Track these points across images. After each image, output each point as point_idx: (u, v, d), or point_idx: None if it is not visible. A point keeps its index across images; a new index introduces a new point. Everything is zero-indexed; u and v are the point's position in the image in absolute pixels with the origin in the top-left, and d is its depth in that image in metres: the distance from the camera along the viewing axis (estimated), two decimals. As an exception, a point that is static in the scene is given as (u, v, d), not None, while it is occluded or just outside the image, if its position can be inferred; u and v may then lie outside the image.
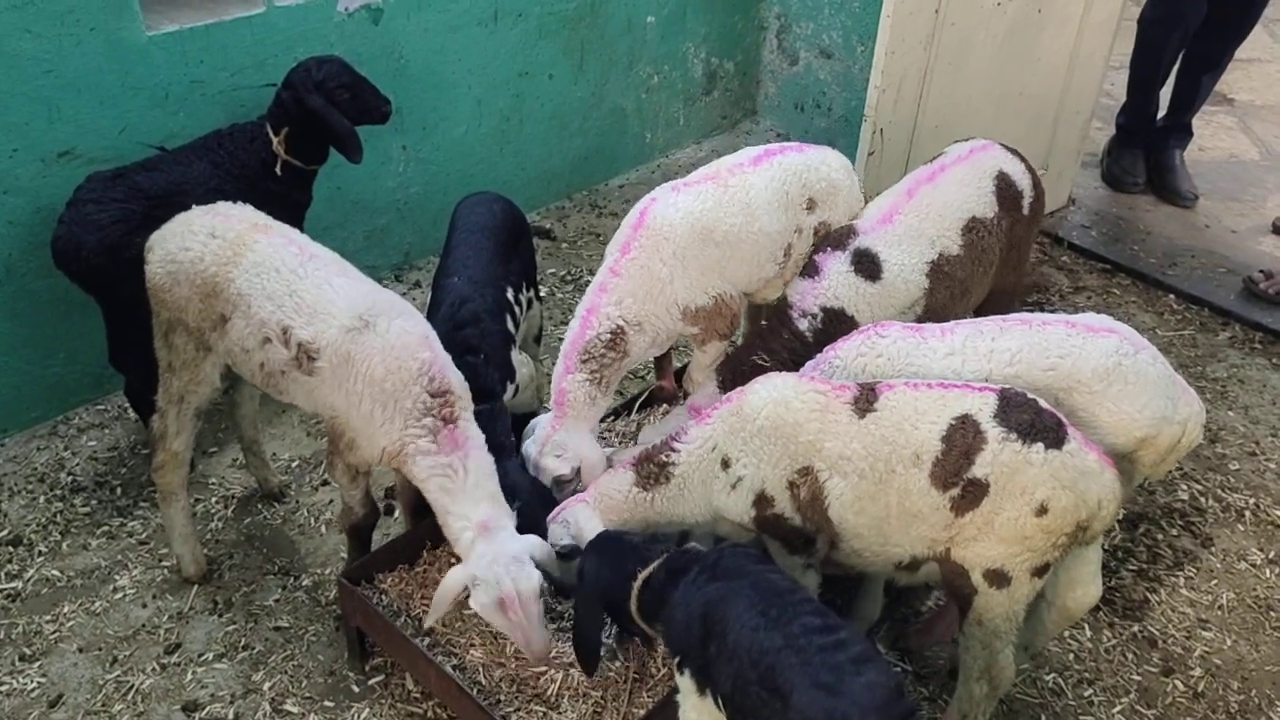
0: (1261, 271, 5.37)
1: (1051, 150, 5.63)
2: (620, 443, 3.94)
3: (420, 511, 3.52)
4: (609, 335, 3.33)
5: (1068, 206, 6.02)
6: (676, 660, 2.69)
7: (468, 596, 3.00)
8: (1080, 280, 5.52)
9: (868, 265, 3.55)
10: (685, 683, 2.66)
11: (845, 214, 3.78)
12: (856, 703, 2.26)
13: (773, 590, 2.59)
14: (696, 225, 3.38)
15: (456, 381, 3.13)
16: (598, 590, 2.88)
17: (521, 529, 3.08)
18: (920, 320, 3.59)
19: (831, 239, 3.65)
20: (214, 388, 3.46)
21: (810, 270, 3.61)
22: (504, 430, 3.32)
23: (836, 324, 3.53)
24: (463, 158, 5.32)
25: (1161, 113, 6.20)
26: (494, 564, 2.96)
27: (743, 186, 3.49)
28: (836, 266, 3.56)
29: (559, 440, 3.33)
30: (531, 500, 3.18)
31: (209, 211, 3.34)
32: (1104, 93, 6.30)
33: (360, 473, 3.31)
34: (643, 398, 4.06)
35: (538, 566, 3.00)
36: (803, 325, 3.55)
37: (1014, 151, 3.91)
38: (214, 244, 3.23)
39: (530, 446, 3.37)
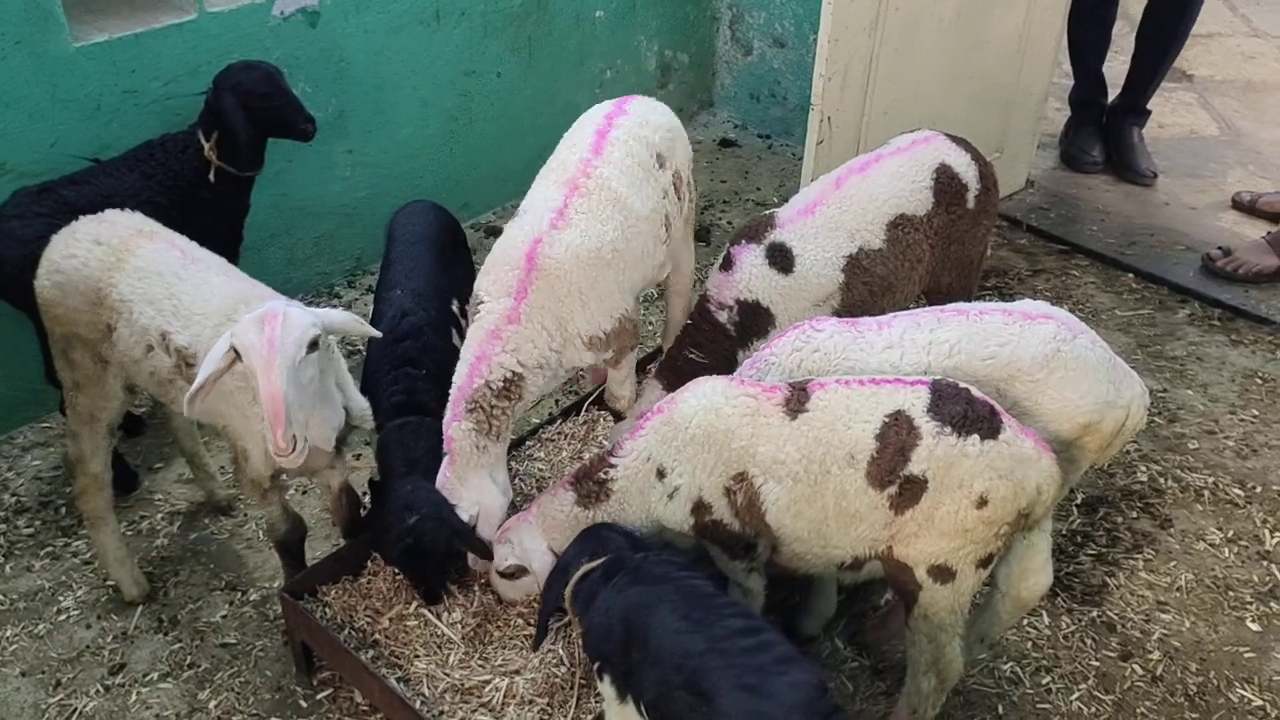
0: (1220, 248, 5.33)
1: (1005, 133, 5.59)
2: (569, 445, 3.90)
3: (355, 528, 3.47)
4: (501, 384, 3.13)
5: (1026, 189, 5.99)
6: (596, 666, 2.66)
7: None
8: (1039, 263, 5.48)
9: (781, 258, 3.50)
10: (605, 689, 2.63)
11: (684, 157, 3.68)
12: (781, 703, 2.23)
13: (695, 594, 2.57)
14: (584, 255, 3.19)
15: None
16: (556, 572, 2.90)
17: (421, 545, 3.06)
18: (838, 315, 3.54)
19: (748, 231, 3.61)
20: (122, 402, 3.41)
21: (725, 263, 3.57)
22: (425, 448, 3.25)
23: (753, 317, 3.50)
24: (410, 160, 5.26)
25: (1115, 91, 6.16)
26: (273, 300, 2.86)
27: (601, 184, 3.29)
28: (750, 259, 3.52)
29: (451, 489, 3.15)
30: (430, 515, 3.10)
31: (96, 220, 3.31)
32: (1064, 74, 6.28)
33: (267, 489, 3.23)
34: (591, 397, 4.01)
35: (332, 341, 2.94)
36: (721, 317, 3.52)
37: (961, 142, 3.81)
38: (98, 250, 3.20)
39: None
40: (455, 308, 3.69)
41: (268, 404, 2.69)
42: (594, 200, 3.26)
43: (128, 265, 3.17)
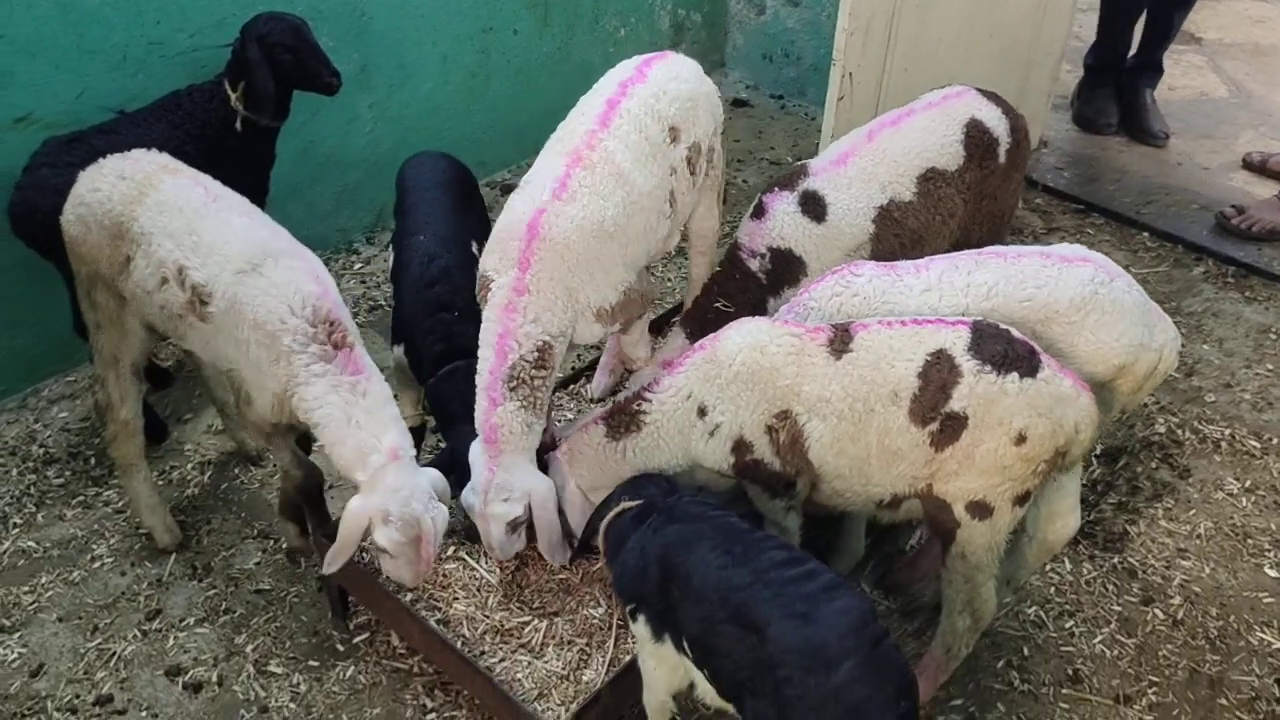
0: (1233, 207, 5.38)
1: (1023, 92, 5.59)
2: (576, 409, 3.91)
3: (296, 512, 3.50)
4: (535, 354, 3.00)
5: (1040, 149, 6.01)
6: (630, 607, 2.69)
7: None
8: (1054, 221, 5.52)
9: (814, 206, 3.52)
10: (640, 629, 2.66)
11: (710, 122, 3.54)
12: (832, 628, 2.26)
13: (733, 530, 2.60)
14: (587, 227, 3.07)
15: (345, 315, 3.08)
16: (601, 505, 2.95)
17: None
18: None
19: (781, 179, 3.64)
20: (142, 341, 3.42)
21: (757, 211, 3.60)
22: None
23: (785, 264, 3.52)
24: (431, 115, 5.25)
25: (1132, 51, 6.18)
26: (411, 499, 2.91)
27: (605, 158, 3.15)
28: (783, 207, 3.55)
29: (502, 483, 2.98)
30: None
31: (123, 157, 3.32)
32: (1073, 35, 6.29)
33: (269, 432, 3.24)
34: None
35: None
36: (753, 265, 3.54)
37: (993, 97, 3.83)
38: (122, 185, 3.21)
39: (471, 497, 3.02)
40: (475, 249, 3.70)
41: (410, 581, 3.06)
42: (597, 174, 3.13)
43: (149, 199, 3.17)
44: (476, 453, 3.03)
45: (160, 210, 3.15)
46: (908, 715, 2.26)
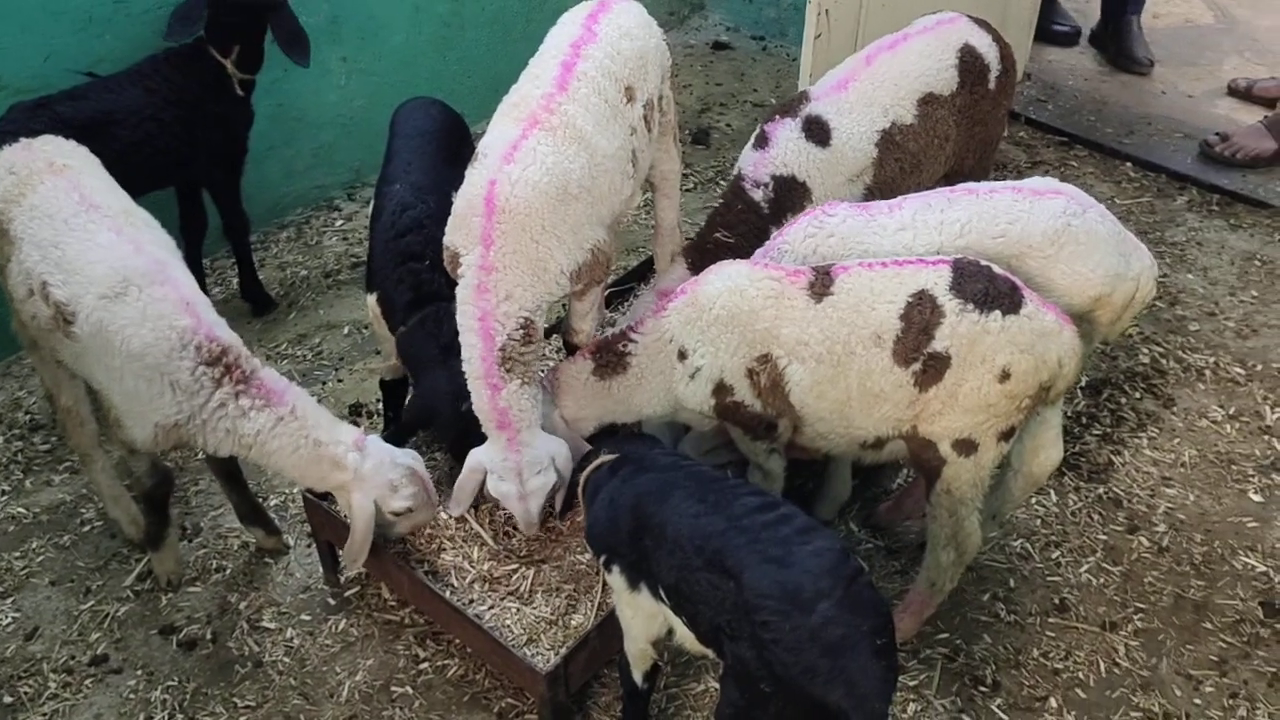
0: (1217, 134, 5.34)
1: (1004, 24, 5.49)
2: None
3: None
4: (521, 333, 2.95)
5: (1022, 81, 5.95)
6: (603, 559, 2.70)
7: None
8: (1038, 155, 5.48)
9: (817, 131, 3.53)
10: (615, 580, 2.68)
11: (658, 73, 3.49)
12: (807, 570, 2.27)
13: (706, 478, 2.61)
14: (550, 190, 2.97)
15: (230, 338, 2.98)
16: (582, 459, 2.98)
17: (477, 431, 3.06)
18: (869, 192, 3.56)
19: (782, 107, 3.63)
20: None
21: (759, 140, 3.59)
22: (450, 332, 3.25)
23: (788, 192, 3.51)
24: (405, 67, 5.20)
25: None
26: (395, 458, 3.05)
27: (565, 122, 3.07)
28: (786, 134, 3.54)
29: (531, 459, 2.98)
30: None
31: (23, 146, 3.23)
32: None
33: (136, 450, 3.16)
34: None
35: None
36: (756, 195, 3.53)
37: (983, 24, 3.88)
38: (8, 180, 3.13)
39: (502, 485, 2.99)
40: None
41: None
42: (556, 137, 3.05)
43: (26, 200, 3.07)
44: (490, 444, 3.00)
45: (33, 216, 3.04)
46: (885, 650, 2.27)
